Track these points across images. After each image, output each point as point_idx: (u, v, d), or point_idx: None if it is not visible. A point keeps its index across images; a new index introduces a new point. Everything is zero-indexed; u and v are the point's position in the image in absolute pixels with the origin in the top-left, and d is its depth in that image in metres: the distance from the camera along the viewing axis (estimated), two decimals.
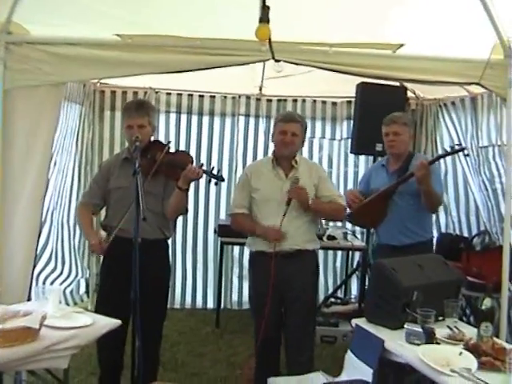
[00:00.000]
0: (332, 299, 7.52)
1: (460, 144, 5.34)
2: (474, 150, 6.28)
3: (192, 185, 4.88)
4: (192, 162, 4.73)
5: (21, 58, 4.45)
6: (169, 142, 4.92)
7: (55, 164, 6.24)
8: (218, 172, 4.81)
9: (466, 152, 5.44)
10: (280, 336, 5.08)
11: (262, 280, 4.86)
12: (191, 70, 4.57)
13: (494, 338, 3.62)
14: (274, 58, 4.44)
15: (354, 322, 4.24)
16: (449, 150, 5.29)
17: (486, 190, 6.10)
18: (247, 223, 5.03)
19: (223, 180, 4.85)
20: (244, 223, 5.06)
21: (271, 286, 4.73)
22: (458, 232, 6.90)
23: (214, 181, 4.80)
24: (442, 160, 6.65)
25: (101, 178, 4.95)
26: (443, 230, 7.19)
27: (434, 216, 5.93)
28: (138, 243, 4.19)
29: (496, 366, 3.32)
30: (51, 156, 4.76)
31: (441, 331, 3.81)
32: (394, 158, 5.42)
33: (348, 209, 5.46)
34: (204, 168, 4.70)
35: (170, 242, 5.44)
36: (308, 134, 7.65)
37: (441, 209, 6.32)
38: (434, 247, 5.97)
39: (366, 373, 3.83)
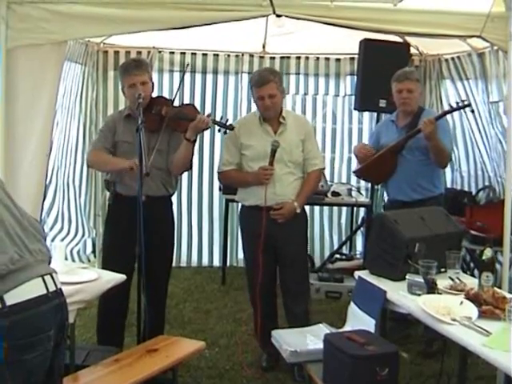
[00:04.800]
0: (337, 255, 7.59)
1: (466, 100, 5.32)
2: (486, 104, 6.26)
3: (196, 145, 4.92)
4: (199, 113, 4.78)
5: (22, 16, 4.45)
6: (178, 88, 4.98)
7: (57, 124, 6.23)
8: (226, 121, 4.85)
9: (471, 108, 5.40)
10: (275, 289, 5.14)
11: (255, 234, 4.85)
12: (193, 26, 4.56)
13: (495, 288, 3.67)
14: (274, 12, 4.42)
15: (357, 273, 4.30)
16: (454, 105, 5.29)
17: (500, 142, 6.08)
18: (238, 175, 5.04)
19: (232, 129, 4.89)
20: (235, 176, 5.06)
21: (263, 238, 4.77)
22: (466, 187, 6.92)
23: (222, 130, 4.89)
24: (449, 116, 6.67)
25: (108, 129, 4.90)
26: (448, 185, 7.19)
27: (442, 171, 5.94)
28: (143, 201, 4.25)
29: (496, 314, 3.36)
30: (54, 114, 4.77)
31: (442, 282, 3.85)
32: (404, 113, 5.42)
33: (358, 163, 5.50)
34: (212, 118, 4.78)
35: (175, 200, 5.48)
36: (312, 91, 7.75)
37: None
38: None
39: (369, 323, 3.89)
